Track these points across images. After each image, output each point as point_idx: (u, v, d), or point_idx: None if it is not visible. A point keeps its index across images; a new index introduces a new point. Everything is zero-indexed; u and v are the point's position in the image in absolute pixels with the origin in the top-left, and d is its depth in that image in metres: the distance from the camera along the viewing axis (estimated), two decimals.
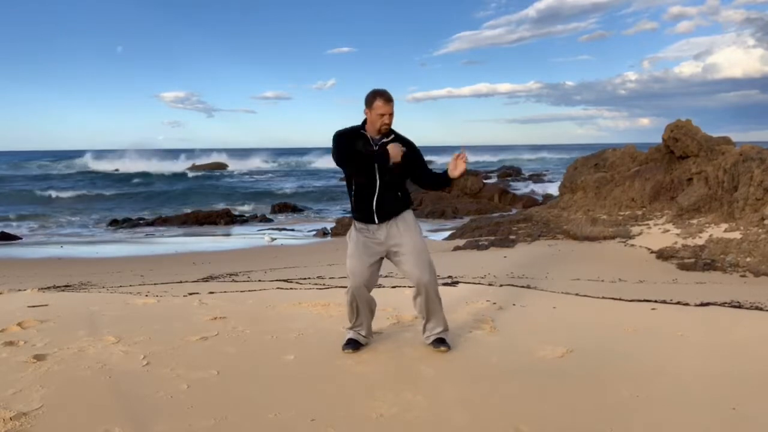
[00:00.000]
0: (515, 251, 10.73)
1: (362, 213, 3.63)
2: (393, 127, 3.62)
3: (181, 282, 8.01)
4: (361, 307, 3.71)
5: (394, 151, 3.48)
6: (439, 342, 3.72)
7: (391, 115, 3.53)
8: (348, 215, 21.72)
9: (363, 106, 3.61)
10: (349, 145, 3.54)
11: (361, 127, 3.62)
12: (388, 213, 3.60)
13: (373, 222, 3.61)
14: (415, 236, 3.64)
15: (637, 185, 13.32)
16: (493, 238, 12.42)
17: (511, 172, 43.72)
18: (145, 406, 2.91)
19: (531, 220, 13.97)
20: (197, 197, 32.54)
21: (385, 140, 3.56)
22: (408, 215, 3.69)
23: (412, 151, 3.62)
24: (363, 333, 3.80)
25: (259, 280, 7.94)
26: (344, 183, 3.81)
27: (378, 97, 3.51)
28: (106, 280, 9.09)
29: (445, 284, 6.06)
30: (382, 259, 3.70)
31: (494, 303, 5.14)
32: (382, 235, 3.61)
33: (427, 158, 4.02)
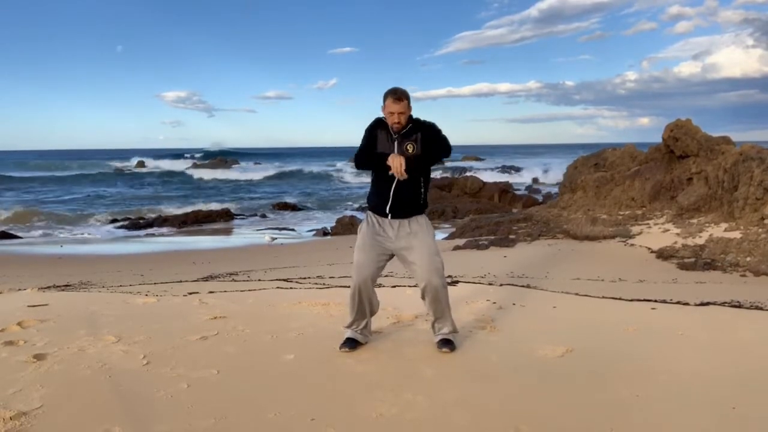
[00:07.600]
0: (515, 251, 10.72)
1: (378, 204, 3.63)
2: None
3: (181, 281, 7.99)
4: (364, 302, 3.69)
5: (395, 165, 3.42)
6: (444, 343, 3.72)
7: (401, 113, 3.50)
8: (349, 214, 21.75)
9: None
10: (370, 138, 3.58)
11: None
12: (401, 212, 3.60)
13: (386, 215, 3.61)
14: (426, 238, 3.62)
15: (637, 185, 13.31)
16: (493, 237, 12.40)
17: (511, 172, 43.76)
18: (145, 405, 2.91)
19: (531, 219, 13.95)
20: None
21: (403, 131, 3.55)
22: (421, 218, 3.67)
23: (428, 140, 3.55)
24: (362, 331, 3.80)
25: (259, 280, 7.93)
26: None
27: (388, 95, 3.52)
28: (106, 279, 9.07)
29: None
30: (390, 257, 3.69)
31: (494, 302, 5.14)
32: (393, 234, 3.61)
33: None
